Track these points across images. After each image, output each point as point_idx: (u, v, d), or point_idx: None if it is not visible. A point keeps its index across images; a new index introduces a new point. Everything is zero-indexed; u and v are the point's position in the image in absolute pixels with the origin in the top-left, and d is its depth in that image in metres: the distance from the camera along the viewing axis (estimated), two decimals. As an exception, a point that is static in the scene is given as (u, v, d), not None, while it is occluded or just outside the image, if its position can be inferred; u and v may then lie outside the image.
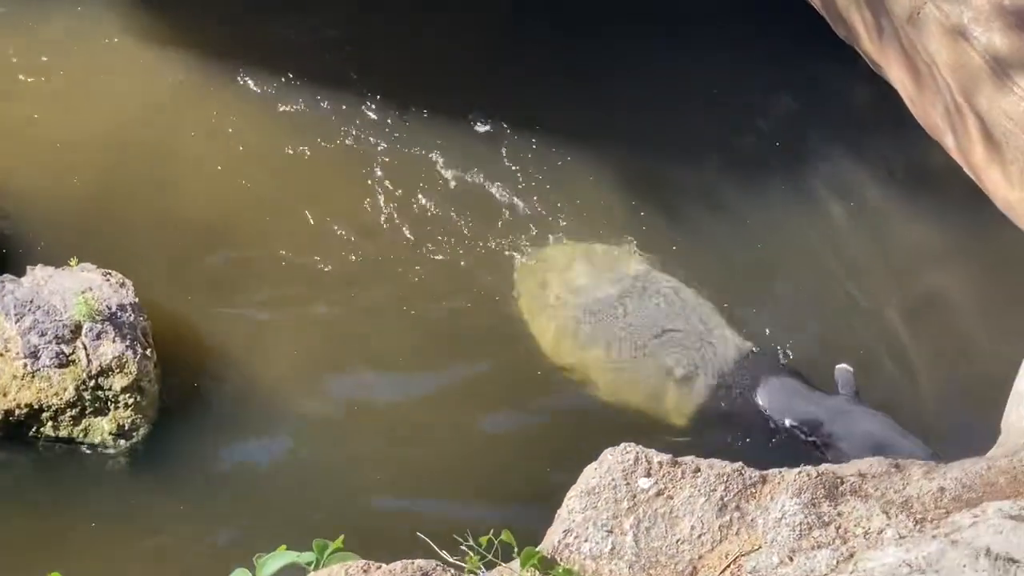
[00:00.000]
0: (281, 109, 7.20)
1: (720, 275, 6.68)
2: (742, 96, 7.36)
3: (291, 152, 7.02)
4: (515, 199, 6.86)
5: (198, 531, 5.66)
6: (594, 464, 3.08)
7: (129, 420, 5.74)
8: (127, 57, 7.27)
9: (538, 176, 6.99)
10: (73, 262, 5.96)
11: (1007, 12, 5.76)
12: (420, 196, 6.87)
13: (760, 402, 5.98)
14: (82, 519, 5.62)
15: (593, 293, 6.26)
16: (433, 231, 6.72)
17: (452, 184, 6.95)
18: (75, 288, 5.82)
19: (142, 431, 5.78)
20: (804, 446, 5.79)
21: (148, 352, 5.83)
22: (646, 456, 3.07)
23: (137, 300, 5.90)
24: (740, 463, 3.12)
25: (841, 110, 7.21)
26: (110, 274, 5.96)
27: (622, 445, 3.09)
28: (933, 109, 6.26)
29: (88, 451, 5.75)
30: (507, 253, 6.63)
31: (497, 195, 6.90)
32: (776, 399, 5.97)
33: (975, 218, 6.49)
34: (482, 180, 6.95)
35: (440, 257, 6.63)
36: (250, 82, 7.25)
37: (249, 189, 6.84)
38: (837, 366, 5.99)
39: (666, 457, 3.07)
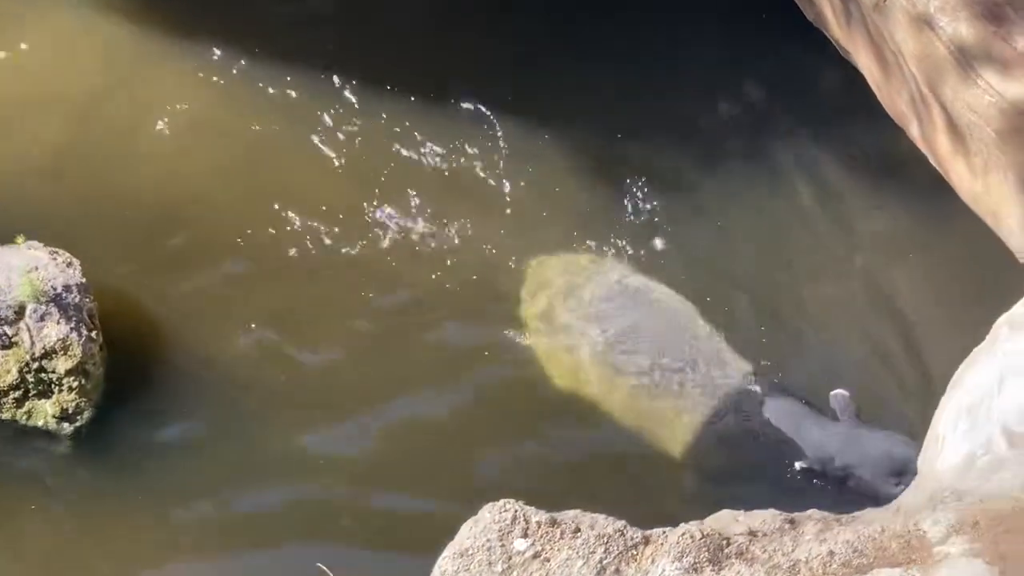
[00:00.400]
0: (253, 88, 6.94)
1: (690, 262, 6.51)
2: (712, 80, 7.12)
3: (261, 132, 6.78)
4: (499, 184, 6.62)
5: (142, 516, 5.61)
6: (470, 522, 2.93)
7: (73, 403, 5.63)
8: (89, 28, 7.02)
9: (527, 168, 6.74)
10: (20, 240, 5.83)
11: (974, 2, 5.57)
12: (398, 184, 6.60)
13: (765, 429, 5.69)
14: (25, 502, 5.58)
15: (595, 309, 6.02)
16: (409, 221, 6.49)
17: (432, 171, 6.70)
18: (21, 267, 5.70)
19: (86, 414, 5.68)
20: (820, 481, 5.55)
21: (94, 334, 5.71)
22: (524, 514, 2.92)
23: (84, 280, 5.78)
24: (624, 522, 2.97)
25: (807, 93, 6.98)
26: (57, 253, 5.84)
27: (501, 502, 2.94)
28: (899, 98, 6.09)
29: (31, 434, 5.62)
30: (486, 247, 6.43)
31: (480, 181, 6.65)
32: (780, 425, 5.71)
33: (941, 207, 6.30)
34: (466, 166, 6.69)
35: (414, 250, 6.41)
36: (221, 58, 6.99)
37: (212, 170, 6.64)
38: (832, 392, 5.70)
39: (545, 516, 2.92)
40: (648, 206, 6.63)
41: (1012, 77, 5.50)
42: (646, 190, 6.68)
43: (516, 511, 2.91)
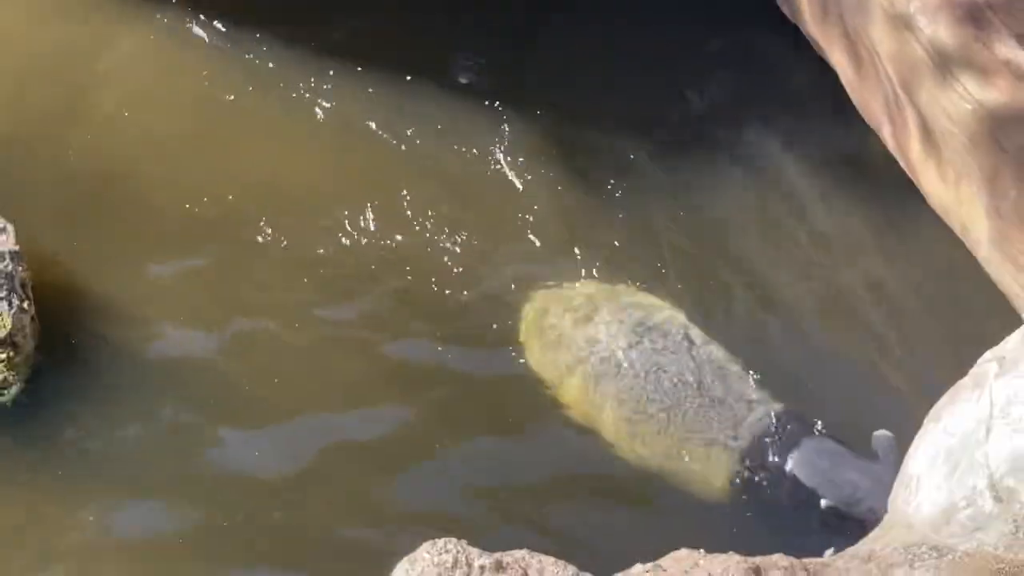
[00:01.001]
0: (220, 53, 6.48)
1: (644, 250, 6.18)
2: (678, 68, 6.77)
3: (225, 102, 6.33)
4: (494, 181, 6.16)
5: (64, 498, 5.27)
6: (405, 562, 2.61)
7: (0, 377, 5.28)
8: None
9: (524, 161, 6.28)
10: (-51, 203, 5.47)
11: (955, 4, 5.37)
12: (378, 172, 6.13)
13: (797, 471, 5.26)
14: (-56, 478, 5.21)
15: (614, 342, 5.53)
16: (390, 219, 6.00)
17: (419, 161, 6.22)
18: (-51, 231, 5.36)
19: (14, 389, 5.35)
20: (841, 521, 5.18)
21: (25, 305, 5.37)
22: (467, 556, 2.60)
23: (18, 248, 5.43)
24: (574, 569, 2.66)
25: (780, 89, 6.67)
26: (-10, 217, 5.49)
27: (442, 541, 2.62)
28: (873, 99, 5.88)
29: (-46, 408, 5.29)
30: (475, 248, 5.95)
31: (474, 175, 6.16)
32: (814, 467, 5.26)
33: (907, 215, 6.06)
34: (458, 157, 6.22)
35: (393, 252, 5.90)
36: (185, 16, 6.54)
37: (166, 140, 6.18)
38: (875, 433, 5.24)
39: (489, 559, 2.61)
40: (583, 185, 6.29)
41: (990, 84, 5.31)
42: (623, 189, 6.35)
43: (457, 552, 2.60)
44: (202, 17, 6.57)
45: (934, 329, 5.87)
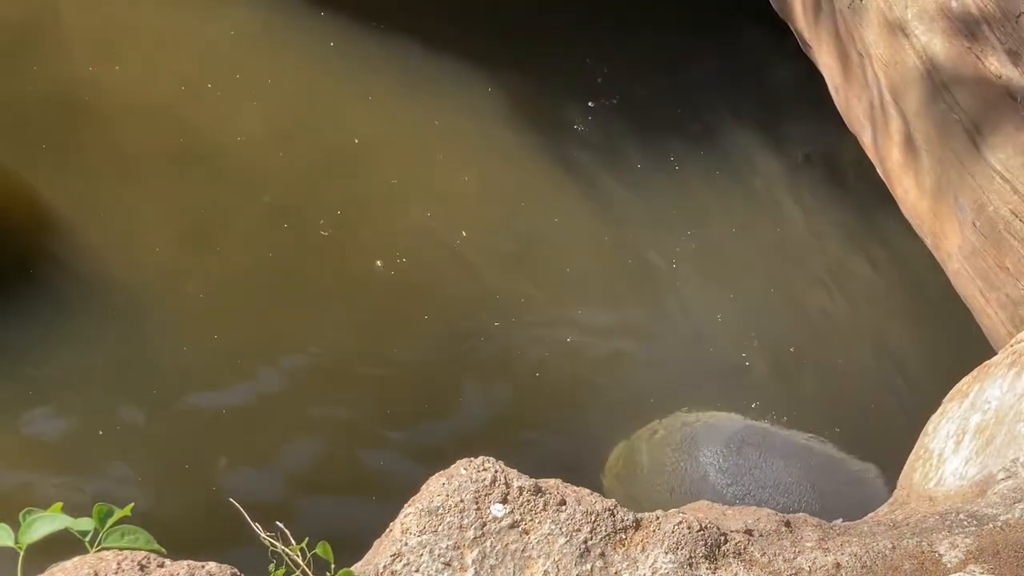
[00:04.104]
0: None
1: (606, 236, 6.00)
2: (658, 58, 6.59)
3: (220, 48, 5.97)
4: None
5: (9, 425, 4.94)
6: (442, 477, 2.43)
7: (-52, 287, 4.99)
8: None
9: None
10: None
11: (952, 15, 5.26)
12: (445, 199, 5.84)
13: None
14: None
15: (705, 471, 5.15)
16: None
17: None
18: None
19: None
20: None
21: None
22: (506, 477, 2.43)
23: (-23, 158, 5.12)
24: (614, 501, 2.51)
25: (760, 85, 6.55)
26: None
27: (480, 459, 2.45)
28: (858, 102, 5.76)
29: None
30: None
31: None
32: None
33: (878, 219, 5.97)
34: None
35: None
36: None
37: (184, 76, 5.89)
38: None
39: (528, 482, 2.44)
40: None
41: (979, 97, 5.22)
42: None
43: (497, 472, 2.42)
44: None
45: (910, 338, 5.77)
